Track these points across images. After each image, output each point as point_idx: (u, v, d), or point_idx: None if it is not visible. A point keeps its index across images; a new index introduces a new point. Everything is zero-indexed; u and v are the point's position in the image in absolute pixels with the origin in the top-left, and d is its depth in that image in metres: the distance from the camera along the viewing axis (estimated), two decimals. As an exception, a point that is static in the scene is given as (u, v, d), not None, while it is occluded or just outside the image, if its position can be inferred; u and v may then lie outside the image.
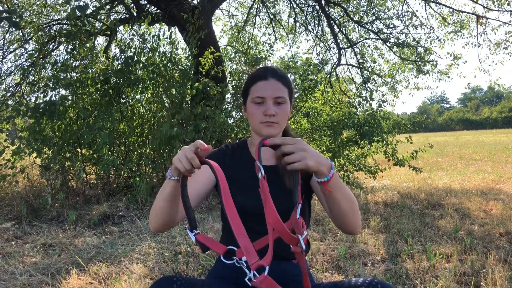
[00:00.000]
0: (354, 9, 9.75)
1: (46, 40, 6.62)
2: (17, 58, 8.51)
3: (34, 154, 5.27)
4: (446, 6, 8.61)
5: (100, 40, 9.46)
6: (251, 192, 1.39)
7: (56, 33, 6.42)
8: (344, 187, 1.22)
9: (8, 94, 7.80)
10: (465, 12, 8.56)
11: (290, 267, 1.47)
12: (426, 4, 8.58)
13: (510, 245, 3.44)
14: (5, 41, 8.23)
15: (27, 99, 7.07)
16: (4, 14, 2.85)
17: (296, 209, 1.07)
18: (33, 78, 6.26)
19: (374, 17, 9.29)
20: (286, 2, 10.42)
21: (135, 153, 6.07)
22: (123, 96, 5.98)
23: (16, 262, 3.20)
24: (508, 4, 7.69)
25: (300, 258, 1.06)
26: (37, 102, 5.54)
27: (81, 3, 3.82)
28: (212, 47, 5.97)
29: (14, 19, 2.86)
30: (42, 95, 5.61)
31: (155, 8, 7.55)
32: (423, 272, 2.83)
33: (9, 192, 5.43)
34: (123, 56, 5.83)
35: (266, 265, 0.98)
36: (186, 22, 6.35)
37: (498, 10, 7.85)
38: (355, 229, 1.32)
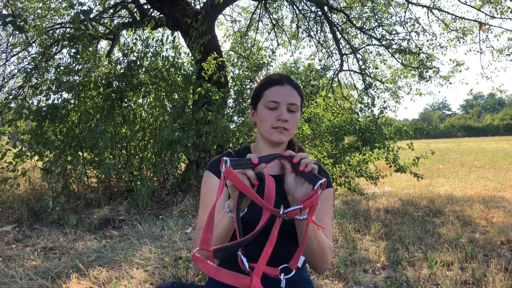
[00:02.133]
0: (357, 16, 9.77)
1: (49, 44, 6.64)
2: (20, 61, 8.56)
3: (36, 157, 5.27)
4: (448, 13, 8.64)
5: (103, 44, 9.51)
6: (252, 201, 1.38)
7: (60, 37, 6.44)
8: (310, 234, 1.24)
9: (11, 97, 7.83)
10: (467, 19, 8.59)
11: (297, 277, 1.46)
12: (429, 11, 8.59)
13: (511, 253, 3.43)
14: (8, 44, 8.28)
15: (30, 102, 7.08)
16: (9, 18, 2.87)
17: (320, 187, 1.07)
18: (35, 81, 6.27)
19: (376, 24, 9.31)
20: (289, 8, 10.45)
21: (137, 157, 6.07)
22: (125, 100, 5.99)
23: (16, 265, 3.20)
24: (511, 12, 7.71)
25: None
26: (39, 105, 5.55)
27: (85, 8, 3.84)
28: (215, 53, 5.99)
29: (18, 23, 2.87)
30: (44, 98, 5.63)
31: (158, 13, 7.58)
32: (424, 280, 2.82)
33: (10, 195, 5.43)
34: (125, 60, 5.85)
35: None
36: (190, 28, 6.38)
37: (501, 18, 7.86)
38: (321, 269, 1.35)
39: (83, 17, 3.48)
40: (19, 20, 2.84)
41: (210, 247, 1.01)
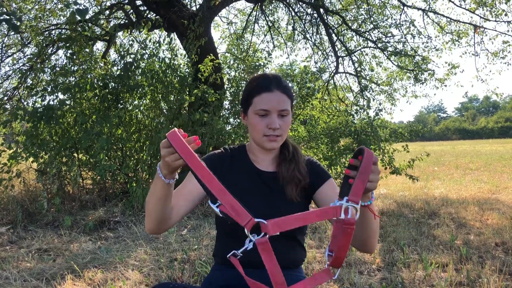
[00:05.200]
0: (352, 18, 9.81)
1: (45, 45, 6.62)
2: (15, 62, 8.52)
3: (31, 159, 5.25)
4: (443, 16, 8.68)
5: (99, 46, 9.48)
6: (248, 196, 1.39)
7: (55, 38, 6.42)
8: (372, 219, 1.26)
9: (6, 98, 7.80)
10: (462, 22, 8.63)
11: (285, 275, 1.46)
12: (424, 14, 8.64)
13: (505, 255, 3.44)
14: (3, 45, 8.24)
15: (25, 103, 7.06)
16: (3, 17, 2.85)
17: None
18: (31, 82, 6.25)
19: (372, 26, 9.35)
20: (285, 10, 10.48)
21: (132, 158, 6.06)
22: (121, 101, 5.98)
23: (11, 267, 3.18)
24: (506, 15, 7.76)
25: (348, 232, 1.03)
26: (35, 106, 5.53)
27: (81, 7, 3.83)
28: (211, 55, 6.00)
29: (14, 22, 2.86)
30: (40, 99, 5.60)
31: (154, 14, 7.58)
32: (419, 281, 2.83)
33: (5, 197, 5.41)
34: (122, 62, 5.84)
35: (265, 222, 0.98)
36: (187, 29, 6.38)
37: (496, 21, 7.91)
38: (374, 248, 1.34)
39: (79, 17, 3.46)
40: (14, 19, 2.82)
41: None
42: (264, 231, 0.98)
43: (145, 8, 7.87)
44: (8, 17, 2.85)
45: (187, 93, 5.95)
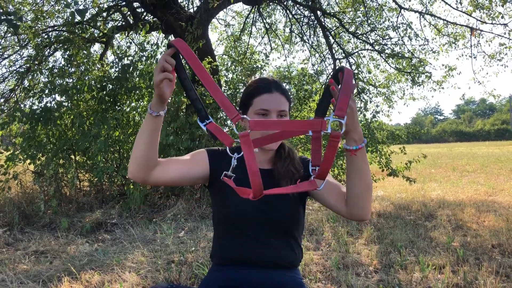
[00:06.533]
0: (350, 21, 9.83)
1: (42, 46, 6.62)
2: (11, 64, 8.50)
3: (28, 161, 5.24)
4: (440, 18, 8.72)
5: (96, 48, 9.48)
6: (241, 185, 1.38)
7: (53, 39, 6.42)
8: (367, 164, 1.30)
9: (2, 100, 7.78)
10: (459, 24, 8.66)
11: (282, 276, 1.46)
12: (421, 16, 8.67)
13: (502, 256, 3.46)
14: (0, 47, 8.22)
15: (21, 105, 7.04)
16: (4, 16, 2.85)
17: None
18: (28, 83, 6.24)
19: (369, 28, 9.37)
20: (282, 13, 10.49)
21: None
22: (119, 103, 5.97)
23: (7, 269, 3.17)
24: (502, 17, 7.80)
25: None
26: (32, 108, 5.52)
27: (81, 7, 3.83)
28: (209, 57, 6.00)
29: (14, 22, 2.86)
30: (37, 101, 5.60)
31: (152, 16, 7.58)
32: (416, 283, 2.83)
33: (1, 199, 5.39)
34: (119, 64, 5.84)
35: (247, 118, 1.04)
36: (184, 32, 6.38)
37: (492, 23, 7.95)
38: (369, 211, 1.36)
39: (78, 17, 3.46)
40: (14, 19, 2.82)
41: None
42: (248, 126, 1.03)
43: (143, 10, 7.87)
44: (8, 17, 2.85)
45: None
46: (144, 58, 5.95)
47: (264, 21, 10.25)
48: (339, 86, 1.08)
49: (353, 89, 1.10)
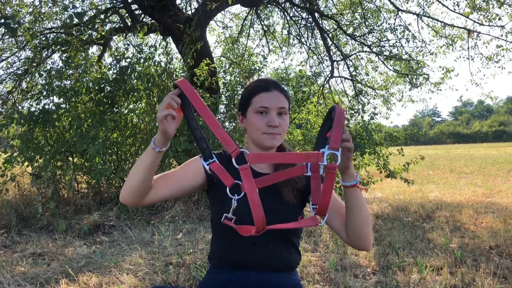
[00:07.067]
0: (347, 22, 9.85)
1: (40, 48, 6.61)
2: (9, 65, 8.50)
3: (26, 163, 5.23)
4: (438, 20, 8.75)
5: (93, 49, 9.47)
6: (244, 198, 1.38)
7: (51, 41, 6.42)
8: (363, 198, 1.34)
9: (0, 102, 7.77)
10: (456, 26, 8.69)
11: (280, 278, 1.46)
12: (419, 18, 8.70)
13: (500, 258, 3.46)
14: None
15: (19, 107, 7.03)
16: (2, 20, 2.85)
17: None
18: (26, 85, 6.23)
19: (367, 30, 9.40)
20: (280, 15, 10.51)
21: (127, 162, 6.04)
22: (117, 105, 5.97)
23: (5, 271, 3.17)
24: (499, 19, 7.83)
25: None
26: (30, 110, 5.51)
27: (79, 10, 3.83)
28: (207, 59, 6.00)
29: (12, 25, 2.86)
30: (35, 103, 5.59)
31: (150, 18, 7.58)
32: (414, 285, 2.83)
33: (-1, 201, 5.38)
34: (117, 66, 5.84)
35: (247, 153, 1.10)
36: (182, 34, 6.38)
37: (489, 25, 7.98)
38: (370, 242, 1.39)
39: (77, 20, 3.47)
40: (12, 22, 2.82)
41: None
42: (247, 159, 1.10)
43: (140, 12, 7.87)
44: (6, 21, 2.86)
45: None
46: (142, 60, 5.95)
47: (262, 23, 10.26)
48: (333, 122, 1.14)
49: (346, 131, 1.18)
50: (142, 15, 8.09)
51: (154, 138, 1.25)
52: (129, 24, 7.84)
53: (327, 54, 9.29)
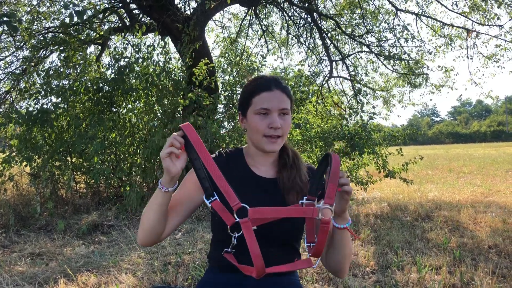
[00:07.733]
0: (346, 22, 9.85)
1: (39, 47, 6.60)
2: (7, 65, 8.48)
3: (24, 162, 5.21)
4: (436, 20, 8.74)
5: (92, 49, 9.46)
6: (244, 198, 1.35)
7: (49, 41, 6.40)
8: (349, 238, 1.40)
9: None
10: (455, 26, 8.69)
11: (279, 277, 1.46)
12: (418, 18, 8.70)
13: (498, 257, 3.46)
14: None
15: (17, 106, 7.02)
16: (3, 18, 2.84)
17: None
18: (24, 85, 6.22)
19: (366, 30, 9.39)
20: (279, 15, 10.50)
21: (126, 162, 6.03)
22: (115, 105, 5.96)
23: (3, 271, 3.16)
24: (498, 19, 7.84)
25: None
26: (29, 109, 5.49)
27: (79, 9, 3.82)
28: (206, 58, 6.00)
29: (13, 23, 2.85)
30: (33, 102, 5.58)
31: (148, 18, 7.57)
32: (413, 284, 2.83)
33: (-3, 201, 5.37)
34: (116, 66, 5.83)
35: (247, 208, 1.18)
36: (181, 33, 6.37)
37: (488, 25, 7.98)
38: (346, 272, 1.45)
39: (77, 19, 3.46)
40: (13, 21, 2.81)
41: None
42: (248, 214, 1.18)
43: (139, 11, 7.85)
44: (7, 19, 2.85)
45: (181, 96, 5.94)
46: (141, 59, 5.94)
47: (261, 23, 10.25)
48: (328, 172, 1.21)
49: (344, 175, 1.24)
50: (141, 15, 8.09)
51: (161, 179, 1.27)
52: (127, 23, 7.83)
53: (326, 54, 9.28)
